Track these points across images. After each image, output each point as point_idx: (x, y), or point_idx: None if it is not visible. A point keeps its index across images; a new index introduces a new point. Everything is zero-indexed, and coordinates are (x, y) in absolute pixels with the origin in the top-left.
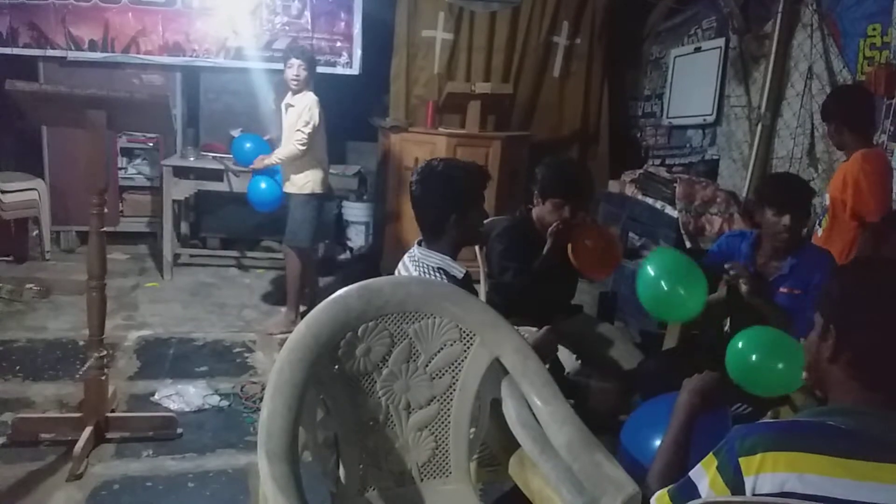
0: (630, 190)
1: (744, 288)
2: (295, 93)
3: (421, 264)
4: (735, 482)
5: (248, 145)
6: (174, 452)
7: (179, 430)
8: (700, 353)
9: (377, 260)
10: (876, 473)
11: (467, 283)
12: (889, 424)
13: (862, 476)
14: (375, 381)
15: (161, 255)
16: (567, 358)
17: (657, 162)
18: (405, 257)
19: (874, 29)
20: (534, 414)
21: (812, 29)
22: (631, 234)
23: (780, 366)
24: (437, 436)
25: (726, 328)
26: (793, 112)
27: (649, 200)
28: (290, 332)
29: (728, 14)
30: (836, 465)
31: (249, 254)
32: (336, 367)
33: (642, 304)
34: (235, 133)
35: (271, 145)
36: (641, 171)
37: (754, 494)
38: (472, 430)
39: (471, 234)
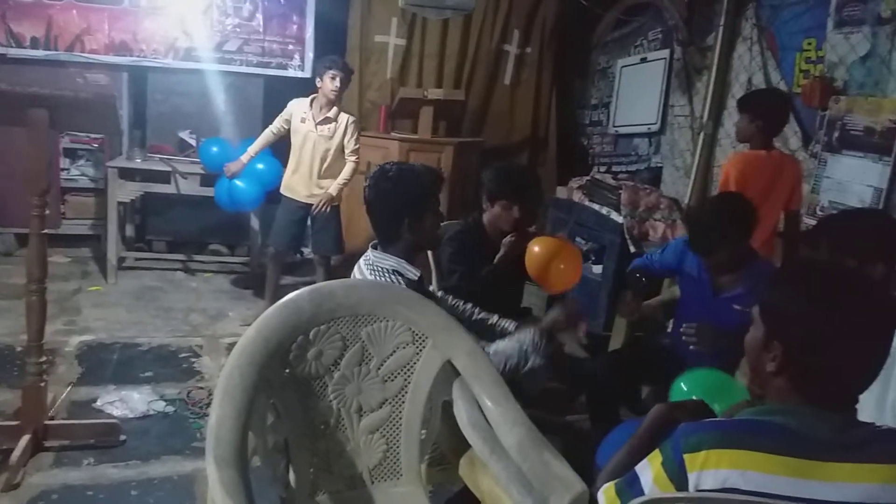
0: (577, 196)
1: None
2: (325, 106)
3: (375, 267)
4: (679, 477)
5: (214, 149)
6: (117, 460)
7: (122, 437)
8: (644, 354)
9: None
10: (815, 471)
11: (422, 286)
12: (827, 424)
13: (802, 473)
14: (327, 385)
15: (105, 258)
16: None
17: (604, 169)
18: (360, 261)
19: (809, 43)
20: (485, 415)
21: (752, 42)
22: (578, 239)
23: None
24: (388, 438)
25: (669, 329)
26: (733, 122)
27: (596, 206)
28: None
29: (673, 26)
30: (778, 463)
31: (197, 257)
32: (287, 370)
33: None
34: (185, 135)
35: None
36: (588, 177)
37: (697, 490)
38: (423, 431)
39: (426, 238)
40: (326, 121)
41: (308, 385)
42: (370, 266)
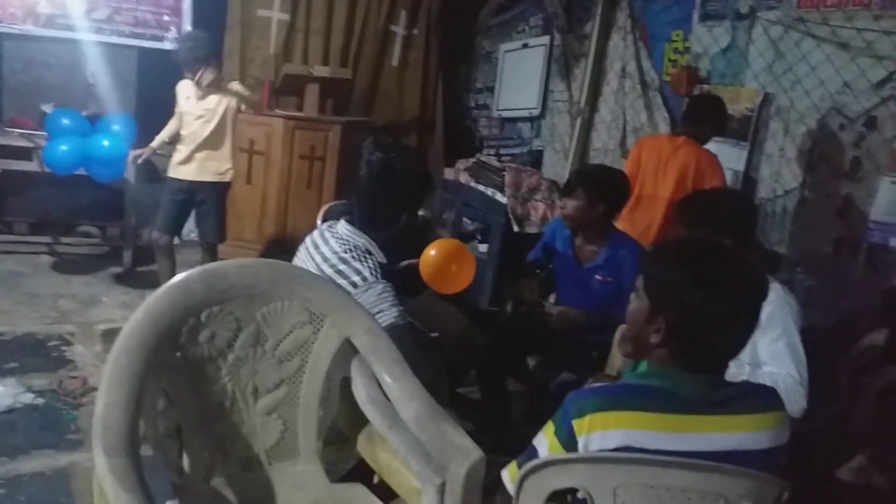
0: (464, 177)
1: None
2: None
3: (349, 243)
4: (569, 443)
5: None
6: None
7: None
8: (529, 328)
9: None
10: (688, 425)
11: (391, 271)
12: (698, 385)
13: (677, 428)
14: (221, 368)
15: None
16: None
17: (491, 152)
18: (323, 231)
19: (677, 34)
20: (384, 391)
21: (626, 32)
22: (465, 219)
23: None
24: (285, 419)
25: (548, 306)
26: (608, 107)
27: (481, 187)
28: None
29: (552, 14)
30: (656, 420)
31: (64, 240)
32: (178, 354)
33: None
34: (47, 108)
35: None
36: (474, 159)
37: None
38: (321, 411)
39: (409, 233)
40: (207, 98)
41: (201, 368)
42: (340, 239)
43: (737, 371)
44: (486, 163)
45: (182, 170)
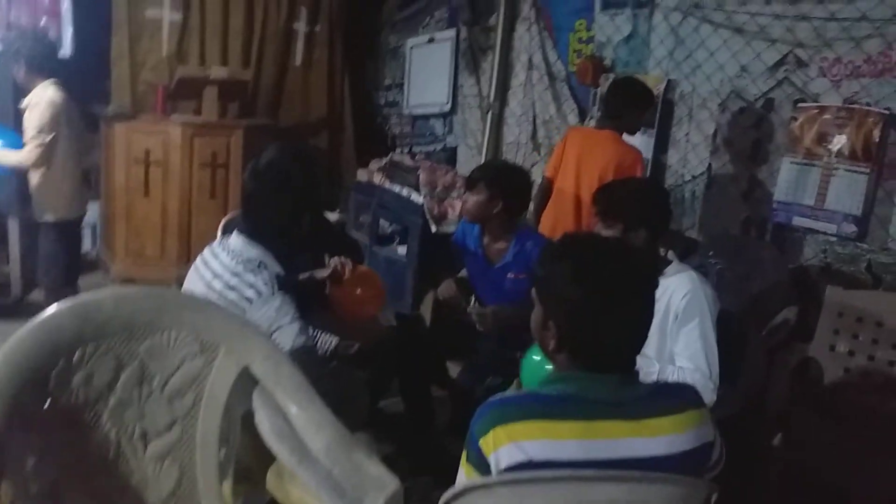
0: (378, 178)
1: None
2: None
3: (241, 256)
4: (481, 465)
5: None
6: None
7: None
8: (450, 332)
9: (107, 266)
10: (598, 431)
11: (289, 283)
12: (603, 386)
13: (587, 434)
14: (101, 413)
15: None
16: None
17: (406, 150)
18: (214, 245)
19: (581, 24)
20: (290, 421)
21: (530, 23)
22: (382, 221)
23: None
24: (181, 463)
25: (470, 307)
26: (517, 100)
27: (396, 188)
28: None
29: (457, 6)
30: (564, 428)
31: None
32: (48, 402)
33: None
34: None
35: None
36: (387, 159)
37: (499, 470)
38: (223, 449)
39: (309, 244)
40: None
41: (77, 416)
42: (231, 252)
43: (647, 369)
44: (399, 162)
45: None
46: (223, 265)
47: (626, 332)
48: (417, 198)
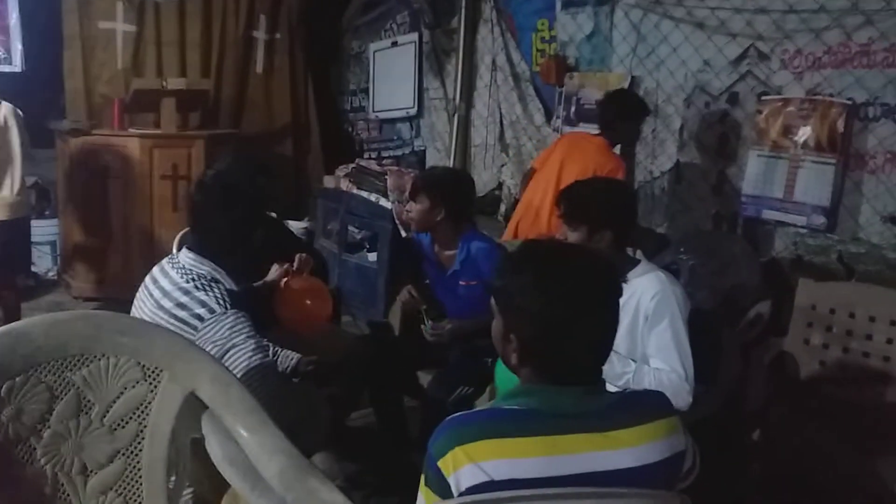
0: (345, 184)
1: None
2: None
3: (191, 273)
4: (441, 489)
5: None
6: None
7: None
8: (418, 340)
9: (68, 285)
10: (562, 446)
11: (243, 298)
12: (567, 398)
13: (550, 451)
14: (35, 448)
15: None
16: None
17: (374, 155)
18: (163, 263)
19: (543, 24)
20: (241, 447)
21: (493, 24)
22: (351, 228)
23: None
24: (126, 496)
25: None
26: (483, 102)
27: (364, 193)
28: None
29: (418, 10)
30: (526, 445)
31: None
32: None
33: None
34: None
35: None
36: (354, 165)
37: (461, 493)
38: (172, 478)
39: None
40: None
41: (7, 453)
42: (181, 269)
43: (622, 370)
44: (366, 167)
45: None
46: (173, 283)
47: (591, 343)
48: (386, 203)
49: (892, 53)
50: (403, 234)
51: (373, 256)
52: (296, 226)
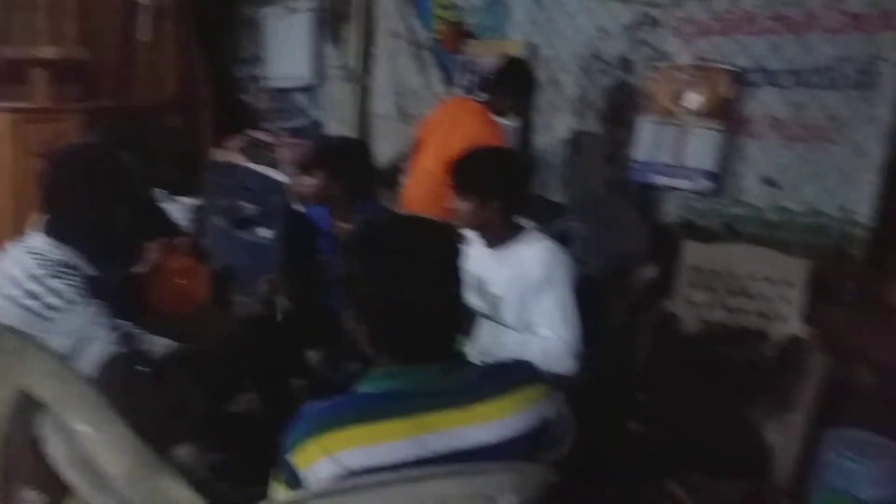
0: (237, 158)
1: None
2: None
3: (45, 258)
4: (295, 484)
5: None
6: None
7: None
8: (307, 319)
9: None
10: (429, 424)
11: (106, 285)
12: (426, 377)
13: (416, 431)
14: None
15: None
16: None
17: (271, 126)
18: (14, 251)
19: None
20: (84, 446)
21: None
22: (244, 204)
23: None
24: None
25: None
26: (383, 71)
27: (257, 167)
28: None
29: None
30: (388, 430)
31: None
32: None
33: None
34: None
35: None
36: (246, 137)
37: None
38: (5, 485)
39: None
40: None
41: None
42: (34, 254)
43: (506, 339)
44: (258, 139)
45: None
46: (24, 270)
47: (436, 319)
48: (279, 176)
49: (775, 21)
50: (298, 208)
51: (267, 233)
52: (186, 203)
